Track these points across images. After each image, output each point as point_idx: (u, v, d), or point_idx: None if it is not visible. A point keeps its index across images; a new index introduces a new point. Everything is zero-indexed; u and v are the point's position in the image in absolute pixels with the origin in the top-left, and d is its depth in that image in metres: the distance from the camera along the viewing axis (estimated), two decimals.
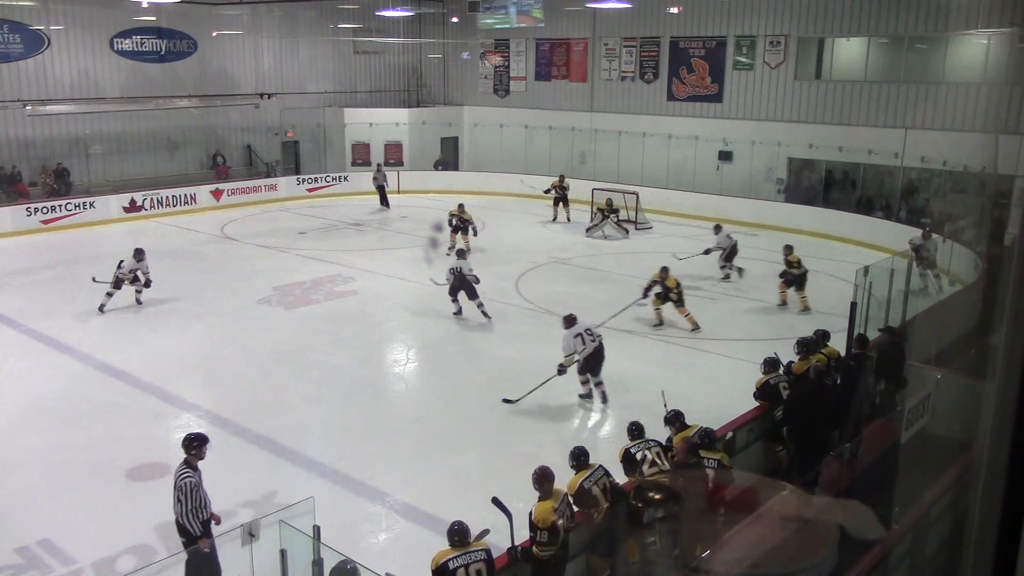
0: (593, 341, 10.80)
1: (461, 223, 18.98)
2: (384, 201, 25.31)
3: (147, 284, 15.17)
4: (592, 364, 10.89)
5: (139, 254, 15.09)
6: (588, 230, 21.55)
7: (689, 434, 7.51)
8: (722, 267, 17.39)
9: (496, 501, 6.16)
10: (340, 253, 19.44)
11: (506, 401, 10.96)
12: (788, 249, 15.47)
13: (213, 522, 6.92)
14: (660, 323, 14.00)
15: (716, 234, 17.65)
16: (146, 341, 13.44)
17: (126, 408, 10.91)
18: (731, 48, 24.23)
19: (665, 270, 13.83)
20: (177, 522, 6.82)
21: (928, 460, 7.30)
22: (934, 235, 16.14)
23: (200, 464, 7.28)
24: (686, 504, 6.83)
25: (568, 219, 23.06)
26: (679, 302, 13.76)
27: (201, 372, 12.21)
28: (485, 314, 14.45)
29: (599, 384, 11.00)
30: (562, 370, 10.83)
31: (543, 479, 6.28)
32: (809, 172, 23.37)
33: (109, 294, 14.93)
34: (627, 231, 21.62)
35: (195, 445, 6.91)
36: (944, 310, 12.77)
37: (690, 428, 7.60)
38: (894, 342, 9.96)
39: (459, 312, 14.74)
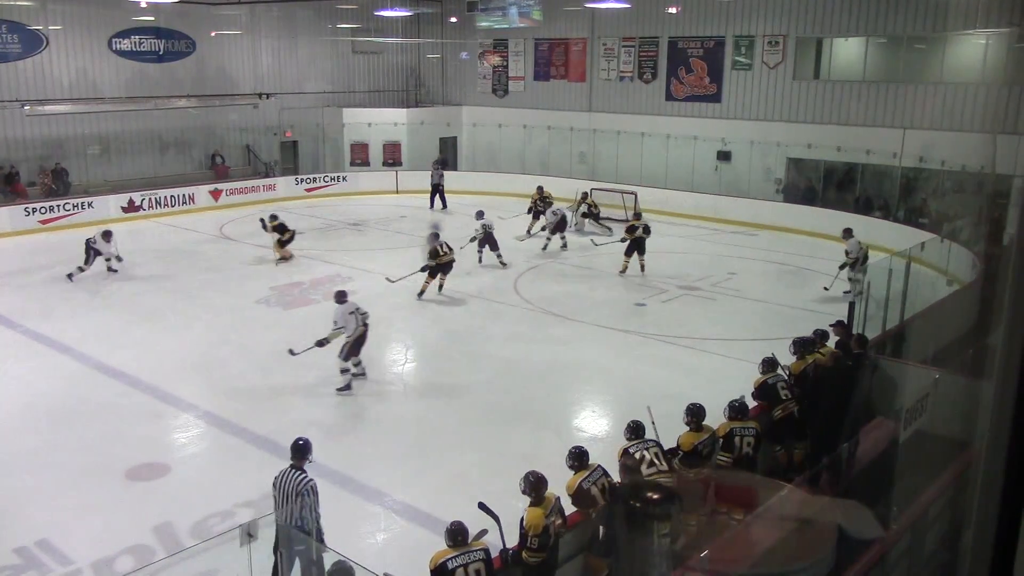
0: (364, 325, 11.25)
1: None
2: (437, 201, 24.81)
3: (117, 259, 17.14)
4: (359, 347, 11.36)
5: (107, 235, 16.79)
6: (574, 225, 21.54)
7: (701, 438, 7.47)
8: (479, 251, 18.16)
9: (482, 506, 6.14)
10: (339, 253, 19.43)
11: (291, 352, 11.50)
12: (636, 215, 17.72)
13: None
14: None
15: (478, 220, 18.10)
16: (144, 341, 13.43)
17: (125, 408, 10.90)
18: (729, 48, 24.23)
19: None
20: (296, 527, 6.59)
21: (926, 460, 7.31)
22: (855, 236, 15.88)
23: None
24: (684, 504, 6.84)
25: (528, 232, 20.99)
26: None
27: (200, 372, 12.20)
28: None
29: (358, 363, 11.54)
30: (323, 343, 11.24)
31: (537, 485, 6.25)
32: (807, 172, 23.38)
33: (81, 268, 16.68)
34: (609, 229, 21.54)
35: (308, 450, 6.79)
36: (942, 310, 12.78)
37: (704, 431, 7.56)
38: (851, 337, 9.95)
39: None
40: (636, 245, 17.18)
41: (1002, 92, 19.68)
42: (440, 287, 16.10)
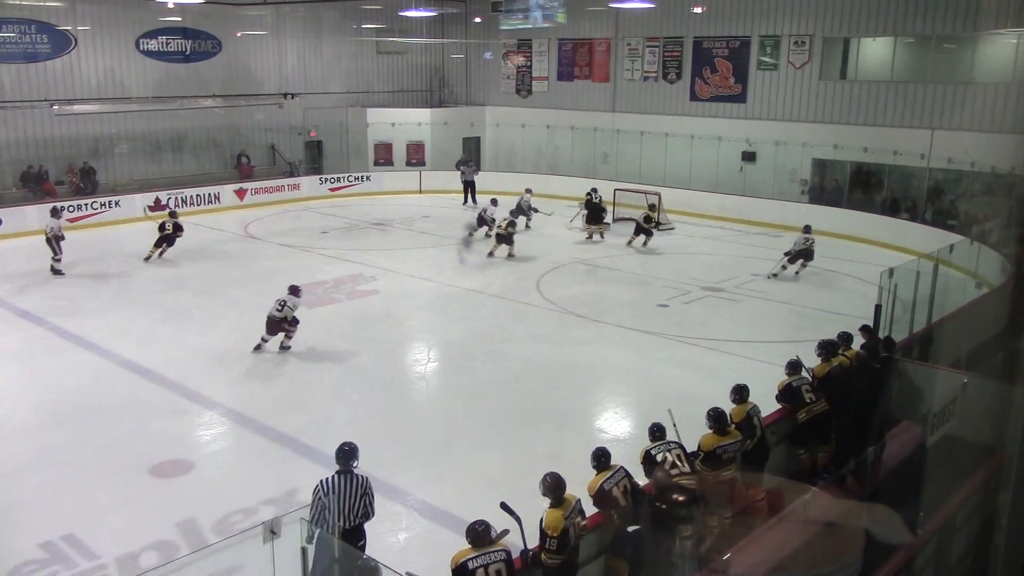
0: (279, 311, 12.77)
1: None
2: (470, 198, 25.53)
3: (58, 240, 17.01)
4: (271, 328, 12.88)
5: (55, 212, 17.14)
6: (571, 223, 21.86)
7: (723, 441, 7.41)
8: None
9: (504, 506, 6.12)
10: (362, 252, 19.50)
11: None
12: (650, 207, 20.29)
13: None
14: None
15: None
16: (170, 339, 13.54)
17: (150, 405, 10.99)
18: (755, 48, 24.06)
19: None
20: (358, 528, 6.61)
21: (955, 464, 7.21)
22: (808, 232, 17.75)
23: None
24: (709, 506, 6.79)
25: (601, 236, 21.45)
26: None
27: (224, 370, 12.28)
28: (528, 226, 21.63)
29: (267, 340, 12.97)
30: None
31: (557, 487, 6.20)
32: (833, 173, 23.17)
33: (56, 259, 17.03)
34: (607, 224, 21.72)
35: (355, 453, 6.74)
36: (971, 313, 12.61)
37: (728, 435, 7.50)
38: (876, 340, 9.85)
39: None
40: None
41: None
42: (509, 254, 18.84)
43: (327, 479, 6.59)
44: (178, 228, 18.46)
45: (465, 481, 9.04)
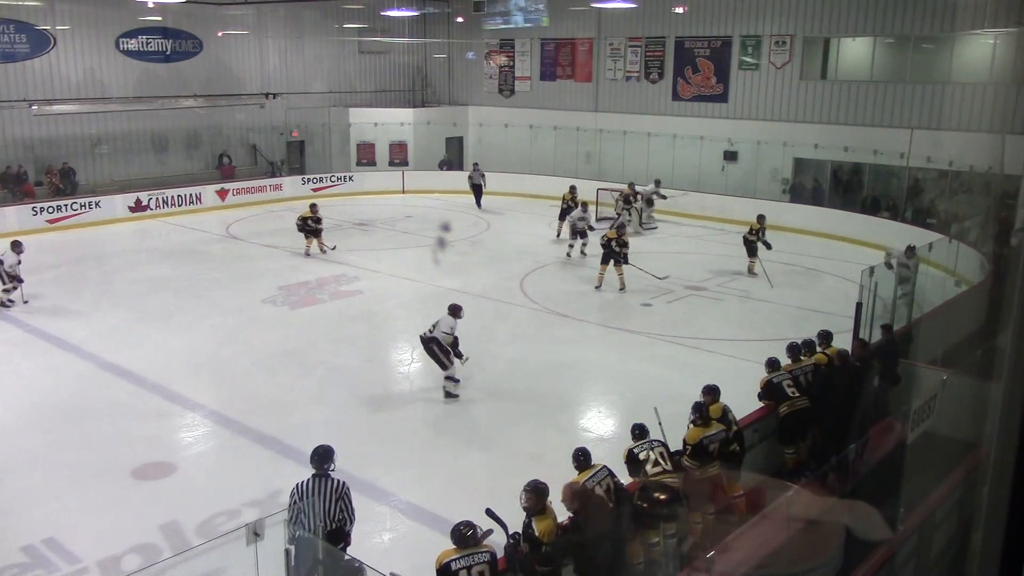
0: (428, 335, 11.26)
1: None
2: (478, 201, 25.34)
3: (15, 279, 15.06)
4: (426, 348, 11.32)
5: (16, 245, 15.18)
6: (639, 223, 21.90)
7: (708, 432, 7.47)
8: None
9: (490, 512, 6.11)
10: (345, 253, 19.44)
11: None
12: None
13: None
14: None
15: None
16: (151, 340, 13.46)
17: (131, 407, 10.92)
18: (736, 48, 24.19)
19: None
20: (336, 531, 6.51)
21: (934, 461, 7.29)
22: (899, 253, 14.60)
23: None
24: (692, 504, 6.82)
25: (559, 235, 20.96)
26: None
27: (206, 371, 12.23)
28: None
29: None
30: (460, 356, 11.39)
31: (540, 495, 6.10)
32: (814, 172, 23.33)
33: (5, 290, 15.05)
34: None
35: (331, 456, 6.71)
36: (950, 311, 12.74)
37: (711, 426, 7.56)
38: (890, 339, 9.96)
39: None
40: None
41: (1010, 92, 19.60)
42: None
43: (302, 483, 6.58)
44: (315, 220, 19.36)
45: (449, 481, 9.04)
